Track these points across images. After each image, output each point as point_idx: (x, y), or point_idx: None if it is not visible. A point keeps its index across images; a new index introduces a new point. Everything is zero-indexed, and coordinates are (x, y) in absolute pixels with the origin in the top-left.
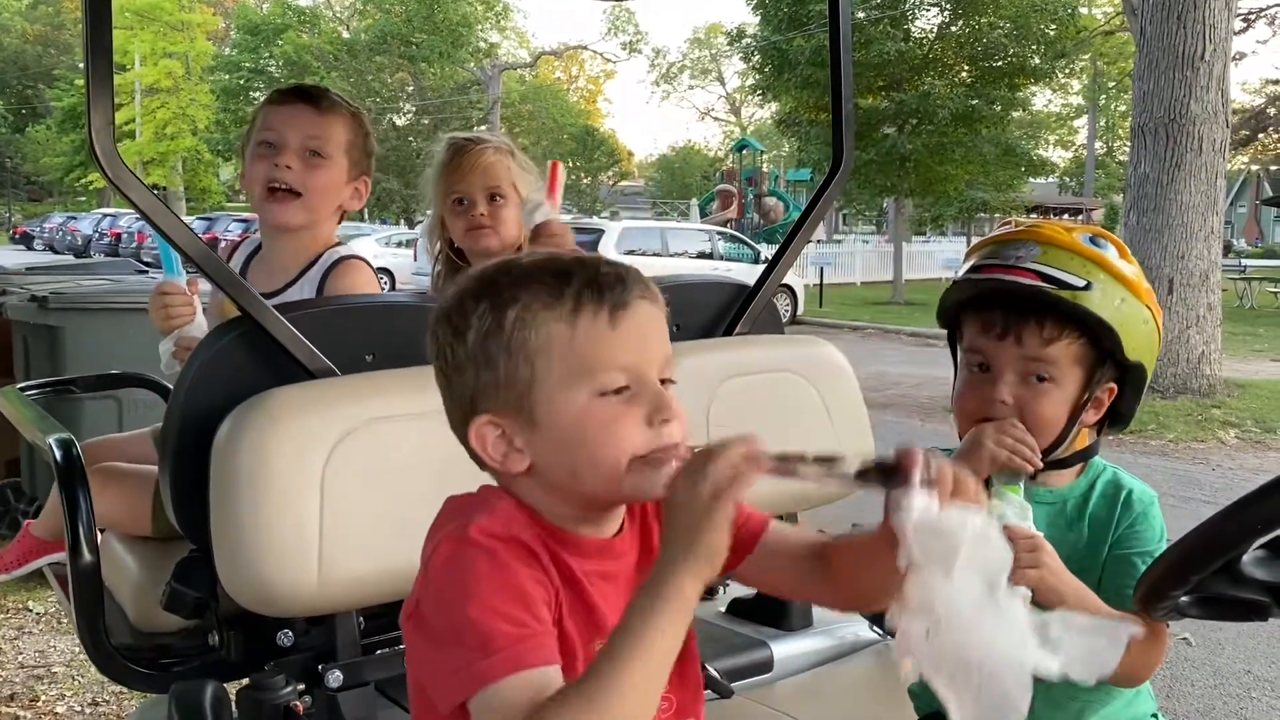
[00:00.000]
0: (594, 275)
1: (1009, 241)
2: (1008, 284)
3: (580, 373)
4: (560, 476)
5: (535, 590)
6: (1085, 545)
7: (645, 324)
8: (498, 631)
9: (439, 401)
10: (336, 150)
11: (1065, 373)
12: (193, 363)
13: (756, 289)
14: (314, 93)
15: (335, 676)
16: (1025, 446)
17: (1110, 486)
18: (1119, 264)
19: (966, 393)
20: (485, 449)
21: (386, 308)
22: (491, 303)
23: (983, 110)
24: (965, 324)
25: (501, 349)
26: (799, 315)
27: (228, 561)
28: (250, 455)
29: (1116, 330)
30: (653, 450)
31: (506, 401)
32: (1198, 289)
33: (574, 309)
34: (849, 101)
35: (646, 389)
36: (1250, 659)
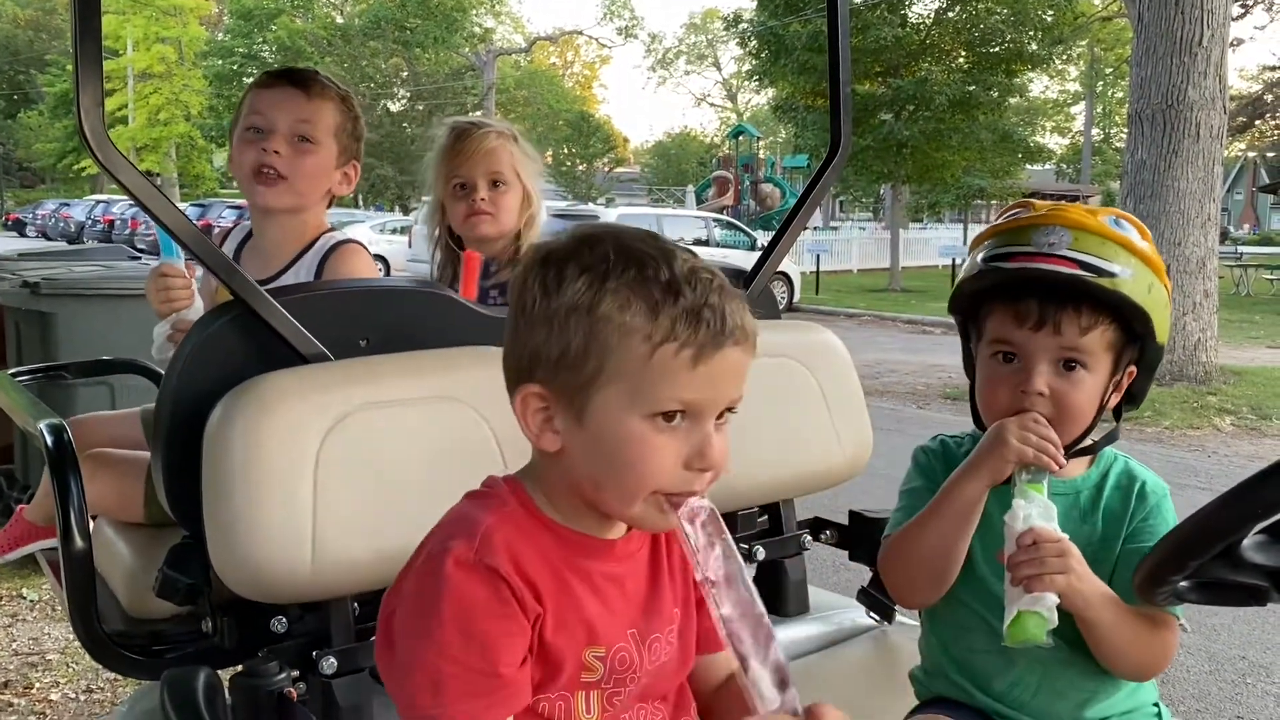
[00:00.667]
0: (699, 305)
1: (1037, 227)
2: (1046, 273)
3: (642, 396)
4: (583, 477)
5: (503, 635)
6: (1100, 538)
7: (727, 370)
8: (450, 685)
9: (433, 387)
10: (325, 135)
11: (1098, 359)
12: (185, 347)
13: (753, 274)
14: (303, 76)
15: (330, 663)
16: (1049, 443)
17: (1124, 477)
18: (1143, 245)
19: (996, 385)
20: (525, 416)
21: (381, 292)
22: (591, 280)
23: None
24: (991, 313)
25: (580, 330)
26: (795, 303)
27: (221, 547)
28: (243, 441)
29: (1150, 315)
30: (676, 491)
31: (563, 384)
32: (1194, 276)
33: (664, 333)
34: (847, 85)
35: (698, 429)
36: (1245, 645)
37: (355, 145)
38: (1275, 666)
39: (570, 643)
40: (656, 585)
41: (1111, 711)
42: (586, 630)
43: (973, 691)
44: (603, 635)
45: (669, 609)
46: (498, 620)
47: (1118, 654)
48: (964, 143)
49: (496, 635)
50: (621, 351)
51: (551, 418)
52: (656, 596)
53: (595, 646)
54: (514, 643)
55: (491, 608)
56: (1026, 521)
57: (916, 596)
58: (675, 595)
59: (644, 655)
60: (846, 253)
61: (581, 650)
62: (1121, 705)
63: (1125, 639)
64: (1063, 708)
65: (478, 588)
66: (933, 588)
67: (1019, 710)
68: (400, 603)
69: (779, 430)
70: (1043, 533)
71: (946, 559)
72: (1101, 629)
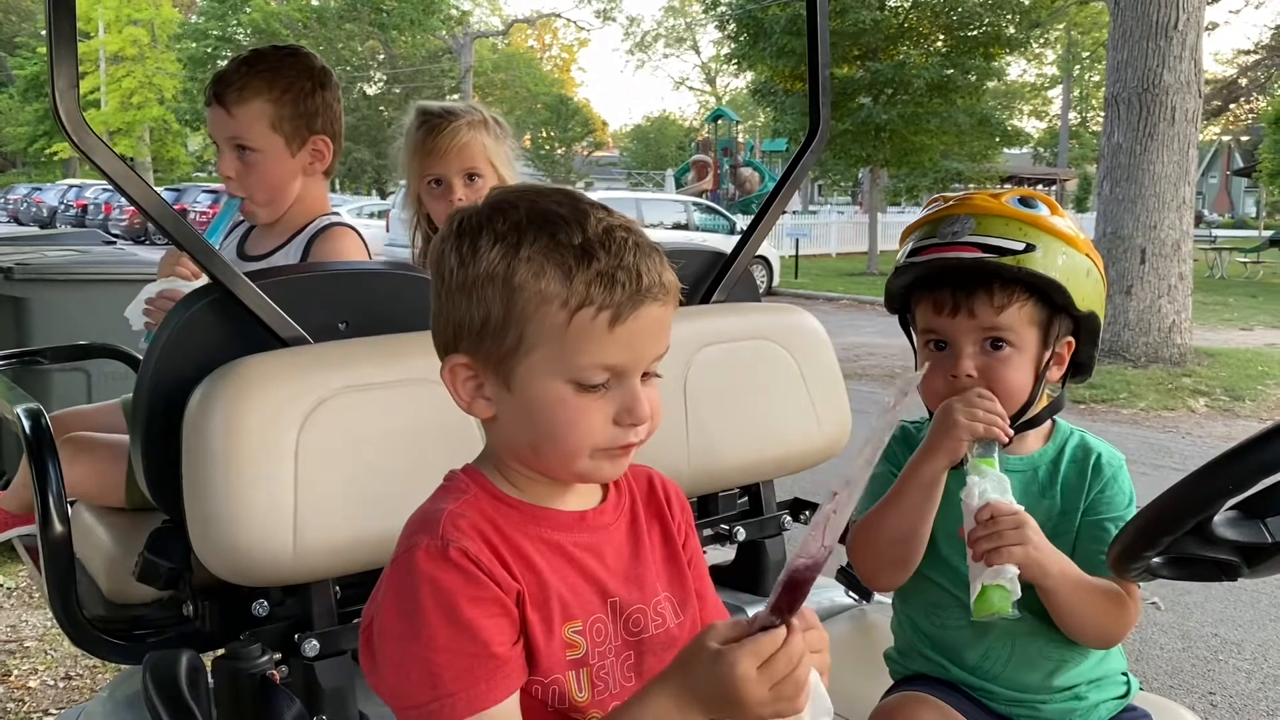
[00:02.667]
0: (613, 268)
1: (942, 219)
2: (950, 260)
3: (562, 362)
4: (520, 443)
5: (487, 612)
6: (1059, 512)
7: (646, 328)
8: (448, 674)
9: (413, 370)
10: (262, 137)
11: (1022, 335)
12: (163, 331)
13: (733, 257)
14: (224, 89)
15: (312, 645)
16: (995, 415)
17: (1079, 451)
18: (1053, 221)
19: (931, 372)
20: (455, 386)
21: (360, 275)
22: (505, 250)
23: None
24: (916, 306)
25: (497, 298)
26: (774, 286)
27: (201, 532)
28: (223, 425)
29: (1064, 285)
30: (612, 446)
31: (487, 354)
32: (1169, 259)
33: (579, 301)
34: (825, 68)
35: (624, 389)
36: (1218, 622)
37: (309, 120)
38: (1246, 643)
39: (548, 618)
40: (637, 557)
41: (1081, 679)
42: (561, 605)
43: (946, 665)
44: (578, 610)
45: (652, 581)
46: (479, 602)
47: (1078, 621)
48: (942, 126)
49: (481, 617)
50: (539, 319)
51: (481, 385)
52: (637, 569)
53: (573, 621)
54: (501, 622)
55: (470, 591)
56: (982, 497)
57: (884, 579)
58: (660, 569)
59: (618, 628)
60: (825, 236)
61: (560, 626)
62: (1091, 673)
63: (1084, 607)
64: (1034, 677)
65: (451, 575)
66: (899, 570)
67: (991, 681)
68: (378, 610)
69: (758, 412)
70: (998, 506)
71: (911, 542)
72: (1060, 596)
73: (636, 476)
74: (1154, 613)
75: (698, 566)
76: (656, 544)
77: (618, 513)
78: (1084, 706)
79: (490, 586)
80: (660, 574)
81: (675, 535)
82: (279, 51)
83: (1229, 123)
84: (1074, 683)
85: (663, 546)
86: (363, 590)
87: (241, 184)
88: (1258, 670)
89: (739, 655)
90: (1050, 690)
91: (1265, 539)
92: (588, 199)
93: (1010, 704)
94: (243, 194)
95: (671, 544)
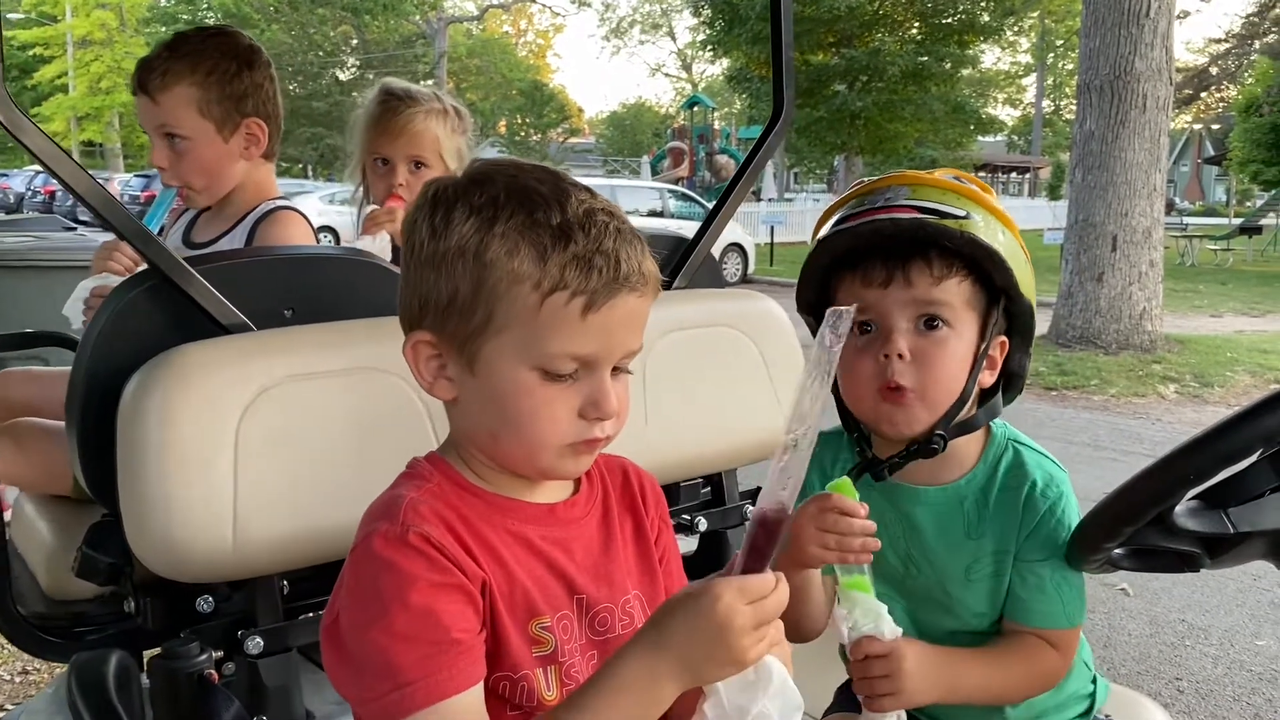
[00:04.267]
0: (591, 251)
1: (873, 190)
2: (884, 223)
3: (531, 348)
4: (480, 428)
5: (450, 597)
6: (992, 552)
7: (620, 320)
8: (406, 661)
9: (361, 358)
10: (190, 123)
11: (960, 316)
12: (100, 317)
13: (695, 241)
14: (147, 75)
15: (255, 643)
16: (853, 534)
17: (1013, 477)
18: (988, 198)
19: (856, 359)
20: (417, 364)
21: (307, 260)
22: (480, 224)
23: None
24: (840, 287)
25: (468, 274)
26: (750, 274)
27: (137, 526)
28: (158, 415)
29: (1007, 261)
30: (577, 441)
31: (453, 331)
32: (1140, 246)
33: (552, 284)
34: (789, 48)
35: (592, 381)
36: (1184, 608)
37: (240, 103)
38: (1213, 629)
39: (513, 611)
40: (608, 553)
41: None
42: (527, 599)
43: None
44: (545, 605)
45: (622, 579)
46: (441, 589)
47: (999, 698)
48: (917, 114)
49: (443, 603)
50: (510, 300)
51: (444, 365)
52: (607, 566)
53: (540, 617)
54: (464, 609)
55: (431, 576)
56: (853, 632)
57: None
58: (631, 566)
59: (583, 627)
60: (801, 224)
61: (527, 622)
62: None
63: (993, 693)
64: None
65: (411, 559)
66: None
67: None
68: (340, 604)
69: (721, 400)
70: (870, 646)
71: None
72: (973, 696)
73: (610, 468)
74: (1122, 599)
75: (670, 564)
76: (629, 539)
77: (589, 506)
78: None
79: (454, 572)
80: (631, 571)
81: (649, 531)
82: (203, 33)
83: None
84: (1035, 713)
85: (635, 542)
86: (312, 585)
87: (175, 173)
88: (1224, 656)
89: (725, 588)
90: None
91: (1228, 529)
92: (571, 179)
93: None
94: (177, 183)
95: (644, 540)
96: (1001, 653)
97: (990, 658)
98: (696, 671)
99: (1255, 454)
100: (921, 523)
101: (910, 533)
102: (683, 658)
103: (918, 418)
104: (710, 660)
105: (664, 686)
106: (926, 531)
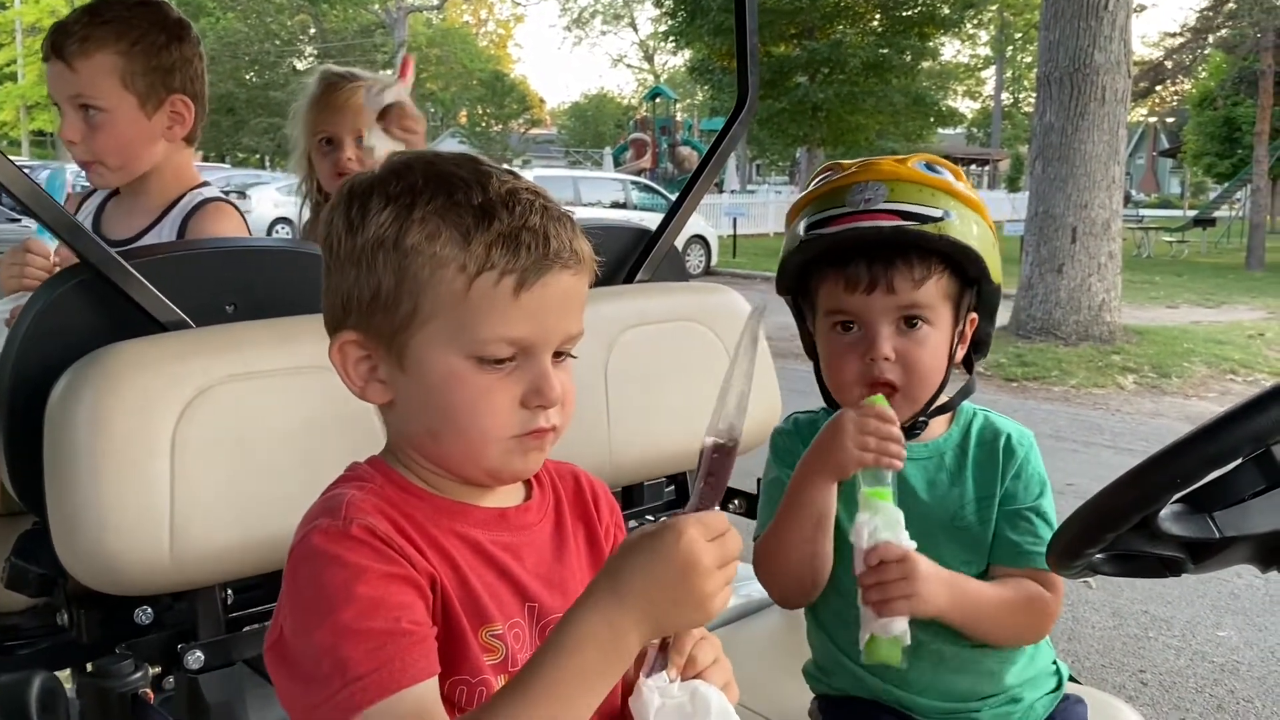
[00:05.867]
0: (517, 228)
1: (850, 186)
2: (867, 230)
3: (462, 333)
4: (419, 430)
5: (398, 589)
6: (974, 498)
7: (556, 299)
8: (356, 655)
9: (307, 356)
10: (110, 94)
11: (938, 312)
12: (26, 315)
13: (658, 234)
14: (63, 40)
15: (195, 657)
16: (892, 440)
17: (988, 432)
18: (960, 187)
19: (841, 358)
20: (345, 367)
21: (249, 253)
22: (397, 211)
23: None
24: (821, 284)
25: (389, 267)
26: (713, 266)
27: (66, 536)
28: (88, 417)
29: (982, 255)
30: (522, 433)
31: (379, 328)
32: (1099, 238)
33: (479, 261)
34: (753, 37)
35: (531, 367)
36: (1147, 600)
37: (167, 78)
38: (1175, 620)
39: (467, 613)
40: (561, 561)
41: (1015, 680)
42: (478, 606)
43: (871, 682)
44: (496, 613)
45: (575, 588)
46: (388, 579)
47: (988, 637)
48: (877, 106)
49: (391, 593)
50: (435, 286)
51: (375, 366)
52: (560, 573)
53: (490, 625)
54: (413, 601)
55: (377, 567)
56: (872, 537)
57: (791, 601)
58: (584, 575)
59: (534, 635)
60: (763, 216)
61: (478, 629)
62: (1024, 673)
63: (991, 623)
64: (965, 684)
65: (355, 550)
66: (806, 592)
67: (921, 694)
68: (283, 614)
69: (684, 397)
70: (887, 550)
71: (812, 565)
72: (964, 626)
73: (562, 474)
74: (1085, 591)
75: None
76: (582, 547)
77: (542, 512)
78: (1020, 709)
79: (401, 563)
80: (584, 581)
81: (602, 540)
82: (129, 0)
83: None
84: (1008, 685)
85: (588, 551)
86: (257, 594)
87: (88, 148)
88: (1186, 647)
89: (685, 523)
90: (983, 696)
91: (1213, 534)
92: (491, 163)
93: (945, 715)
94: (88, 158)
95: (598, 548)
96: (1002, 584)
97: (994, 585)
98: (660, 620)
99: (1241, 456)
100: (909, 475)
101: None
102: (644, 605)
103: (901, 410)
104: (675, 605)
105: (626, 638)
106: (915, 483)
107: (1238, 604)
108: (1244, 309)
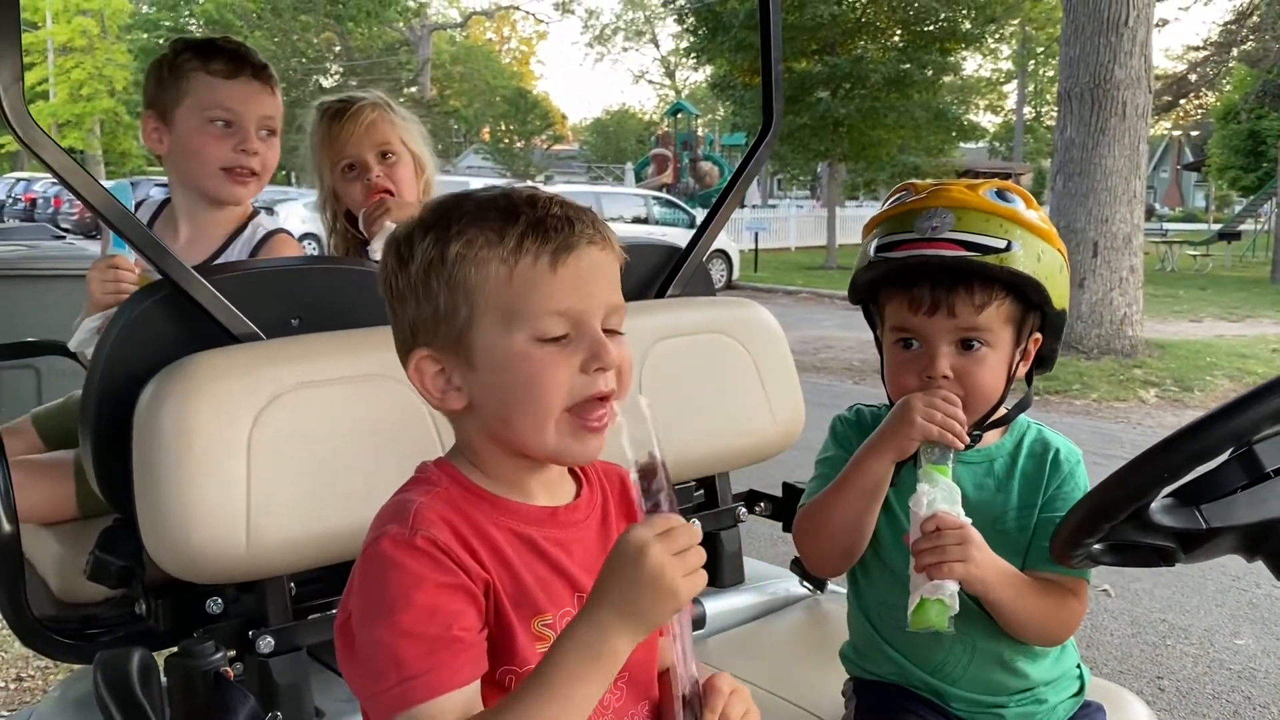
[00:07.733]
0: (541, 216)
1: (919, 211)
2: (930, 258)
3: (516, 315)
4: (495, 421)
5: (452, 598)
6: (1016, 505)
7: (590, 269)
8: (411, 656)
9: (369, 365)
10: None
11: (998, 335)
12: (112, 329)
13: (688, 251)
14: (259, 65)
15: (266, 642)
16: (955, 421)
17: (1038, 445)
18: (1029, 216)
19: (901, 371)
20: (424, 383)
21: (313, 271)
22: (437, 235)
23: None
24: (887, 301)
25: (442, 283)
26: (734, 280)
27: (152, 529)
28: (173, 422)
29: (1044, 284)
30: (584, 398)
31: (445, 338)
32: (1121, 252)
33: (515, 249)
34: (778, 63)
35: (585, 336)
36: (1165, 609)
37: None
38: (1193, 629)
39: (518, 609)
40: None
41: (1040, 680)
42: (530, 598)
43: (907, 667)
44: (547, 603)
45: None
46: (444, 589)
47: (1022, 626)
48: (899, 120)
49: (446, 602)
50: (483, 284)
51: (450, 376)
52: None
53: (542, 615)
54: (466, 609)
55: (436, 577)
56: (930, 506)
57: (828, 566)
58: None
59: None
60: (785, 230)
61: (530, 619)
62: (1048, 674)
63: (1027, 613)
64: (995, 679)
65: (418, 562)
66: (844, 559)
67: (954, 684)
68: (351, 604)
69: (714, 405)
70: (945, 519)
71: (854, 533)
72: (1004, 606)
73: (609, 475)
74: (1104, 599)
75: None
76: None
77: (589, 510)
78: (1044, 710)
79: (457, 574)
80: None
81: None
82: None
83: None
84: (1034, 684)
85: None
86: (319, 586)
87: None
88: (1204, 655)
89: (635, 530)
90: (1011, 692)
91: (1200, 525)
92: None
93: (973, 707)
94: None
95: None
96: (1035, 583)
97: (1028, 581)
98: (639, 616)
99: (1226, 453)
100: (960, 477)
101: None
102: (621, 605)
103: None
104: (651, 600)
105: (615, 641)
106: (963, 485)
107: (1256, 613)
108: (1269, 323)
